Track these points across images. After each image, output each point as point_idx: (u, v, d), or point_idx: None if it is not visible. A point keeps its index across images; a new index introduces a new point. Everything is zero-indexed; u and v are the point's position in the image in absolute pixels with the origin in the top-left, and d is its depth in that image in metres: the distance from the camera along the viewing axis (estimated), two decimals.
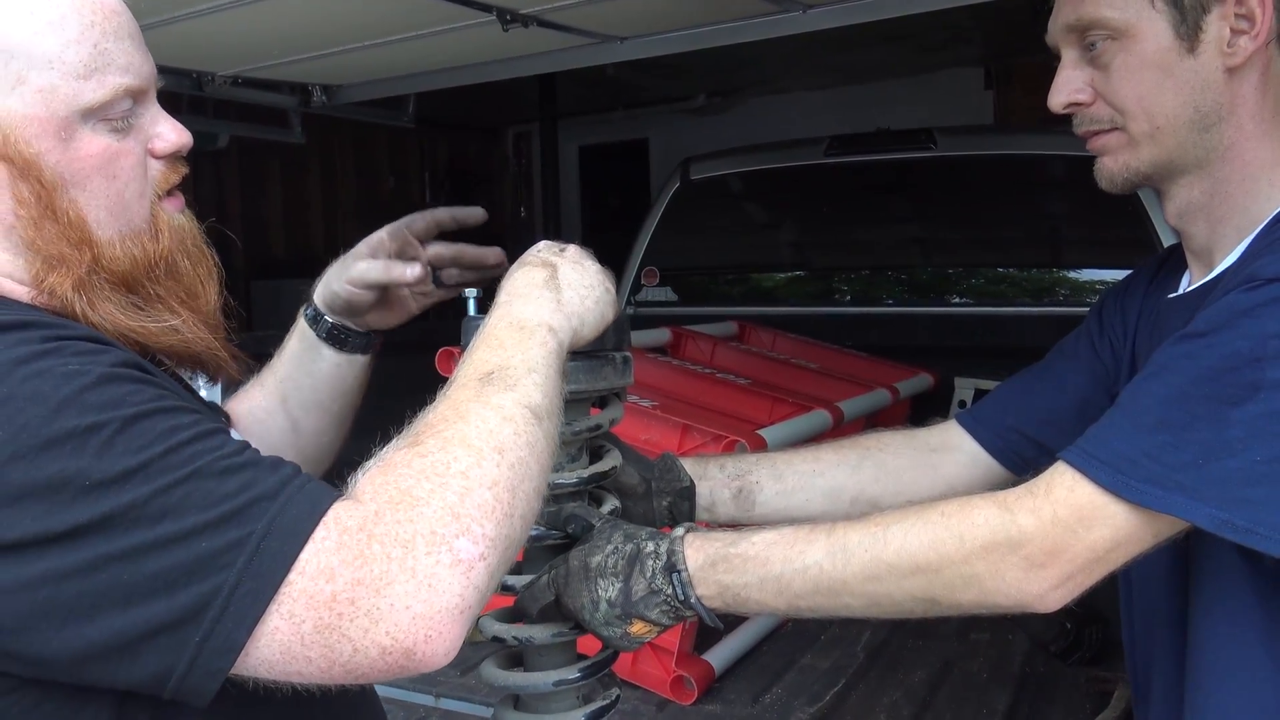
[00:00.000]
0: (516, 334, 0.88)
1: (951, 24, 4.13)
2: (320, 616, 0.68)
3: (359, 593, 0.68)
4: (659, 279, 3.93)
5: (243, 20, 2.30)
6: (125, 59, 0.85)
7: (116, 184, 0.85)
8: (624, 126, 6.30)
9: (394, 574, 0.69)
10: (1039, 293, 3.61)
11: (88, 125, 0.83)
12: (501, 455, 0.77)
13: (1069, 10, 1.01)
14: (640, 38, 2.66)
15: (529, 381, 0.84)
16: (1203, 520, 0.83)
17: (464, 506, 0.72)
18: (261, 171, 5.35)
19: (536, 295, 0.93)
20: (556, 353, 0.89)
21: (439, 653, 0.70)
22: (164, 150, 0.90)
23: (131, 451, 0.69)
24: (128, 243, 0.86)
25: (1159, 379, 0.88)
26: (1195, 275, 1.06)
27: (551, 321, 0.91)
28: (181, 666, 0.68)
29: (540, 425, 0.82)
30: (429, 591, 0.69)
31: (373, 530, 0.70)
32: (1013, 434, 1.22)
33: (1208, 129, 0.98)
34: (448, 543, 0.70)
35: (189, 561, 0.68)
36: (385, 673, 0.71)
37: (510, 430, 0.79)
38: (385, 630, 0.68)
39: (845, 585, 0.91)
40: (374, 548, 0.69)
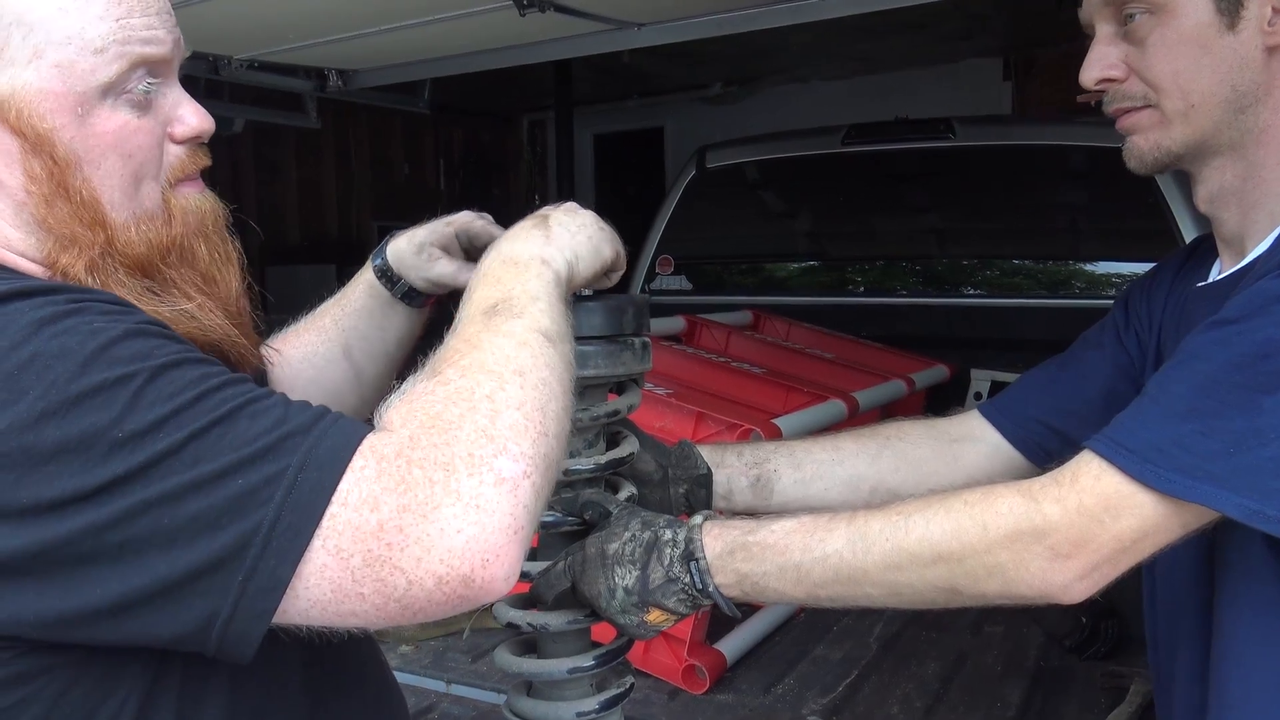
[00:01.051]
0: (511, 268, 0.87)
1: (971, 13, 4.10)
2: (369, 548, 0.66)
3: (406, 520, 0.66)
4: (674, 267, 3.92)
5: (259, 3, 2.30)
6: (147, 30, 0.82)
7: (132, 163, 0.83)
8: (639, 114, 6.29)
9: (439, 497, 0.66)
10: (1056, 284, 3.58)
11: (107, 102, 0.81)
12: (523, 377, 0.75)
13: None
14: (658, 24, 2.64)
15: (535, 309, 0.83)
16: (1233, 510, 0.82)
17: (496, 428, 0.70)
18: (276, 157, 5.36)
19: (524, 235, 0.92)
20: (554, 283, 0.88)
21: (498, 577, 0.67)
22: (184, 135, 0.87)
23: (162, 400, 0.68)
24: (142, 226, 0.84)
25: (1189, 366, 0.86)
26: (1226, 263, 1.04)
27: (543, 254, 0.89)
28: (226, 609, 0.66)
29: (555, 348, 0.80)
30: (478, 513, 0.67)
31: (410, 455, 0.68)
32: (1035, 425, 1.20)
33: (1244, 109, 0.96)
34: (488, 462, 0.68)
35: (227, 500, 0.66)
36: (443, 605, 0.68)
37: (528, 354, 0.77)
38: (439, 558, 0.66)
39: (866, 574, 0.90)
40: (415, 473, 0.67)
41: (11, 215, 0.81)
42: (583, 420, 1.00)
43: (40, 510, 0.65)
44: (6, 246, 0.81)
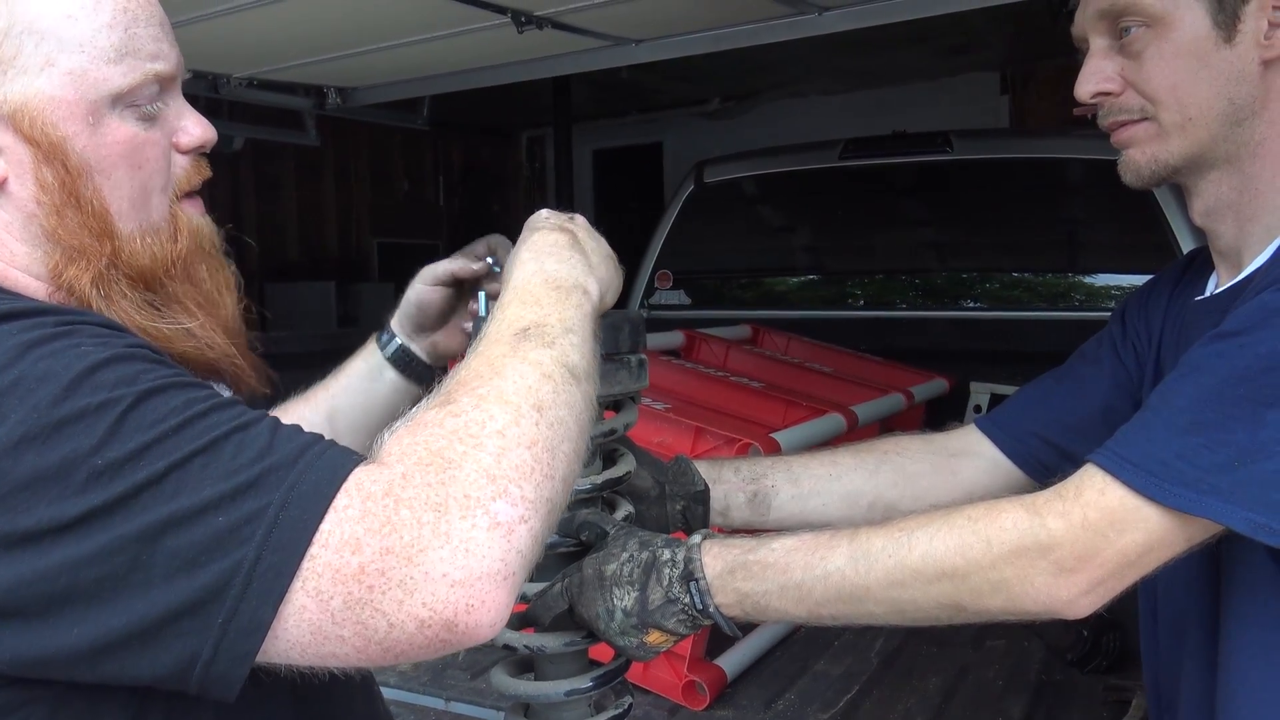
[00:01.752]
0: (553, 292, 0.84)
1: (968, 28, 4.11)
2: (349, 591, 0.64)
3: (389, 562, 0.63)
4: (672, 282, 3.92)
5: (258, 22, 2.31)
6: (155, 46, 0.83)
7: (141, 174, 0.83)
8: (638, 130, 6.30)
9: (426, 540, 0.64)
10: (1055, 297, 3.58)
11: (115, 111, 0.81)
12: (540, 414, 0.72)
13: None
14: (655, 40, 2.65)
15: (566, 341, 0.80)
16: (1238, 524, 0.81)
17: (500, 468, 0.67)
18: (276, 174, 5.37)
19: (569, 257, 0.89)
20: (590, 316, 0.85)
21: (484, 624, 0.65)
22: (189, 144, 0.87)
23: (145, 428, 0.66)
24: (148, 238, 0.83)
25: (1191, 380, 0.86)
26: (1223, 277, 1.04)
27: (586, 284, 0.88)
28: (207, 651, 0.64)
29: (579, 386, 0.77)
30: (466, 556, 0.64)
31: (400, 495, 0.65)
32: (1033, 439, 1.20)
33: (1240, 123, 0.96)
34: (484, 505, 0.65)
35: (207, 538, 0.64)
36: (426, 648, 0.66)
37: (550, 388, 0.74)
38: (421, 601, 0.64)
39: (868, 592, 0.89)
40: (402, 513, 0.64)
41: (19, 229, 0.80)
42: None
43: (15, 541, 0.64)
44: (9, 263, 0.80)
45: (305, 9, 2.23)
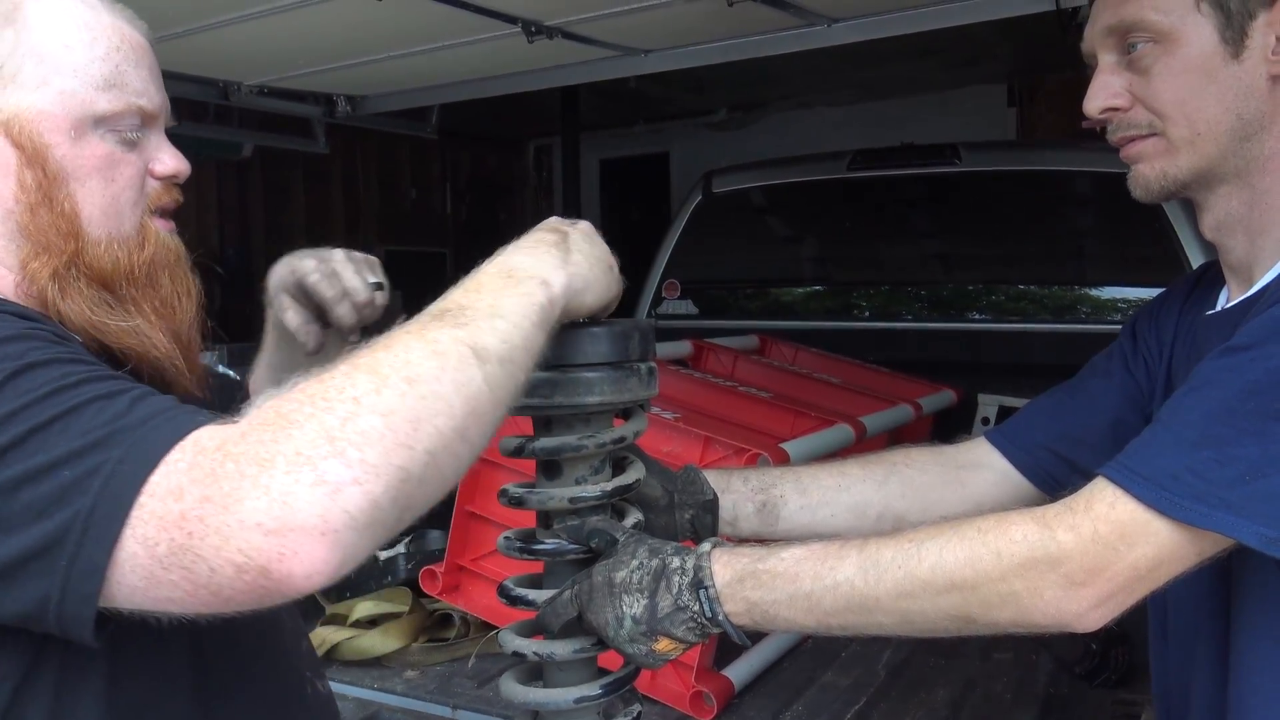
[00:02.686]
0: (501, 281, 0.86)
1: (976, 40, 4.11)
2: (172, 537, 0.69)
3: (207, 510, 0.68)
4: (680, 292, 3.92)
5: (269, 30, 2.32)
6: (141, 85, 0.95)
7: (113, 188, 0.94)
8: (645, 140, 6.31)
9: (245, 490, 0.68)
10: (1063, 310, 3.58)
11: (97, 131, 0.92)
12: (411, 385, 0.74)
13: (1110, 13, 1.00)
14: (664, 50, 2.66)
15: (486, 324, 0.81)
16: (1249, 538, 0.81)
17: (344, 430, 0.70)
18: (285, 181, 5.38)
19: (542, 251, 0.90)
20: (543, 307, 0.86)
21: (297, 574, 0.68)
22: (162, 172, 0.98)
23: (17, 396, 0.74)
24: (114, 246, 0.93)
25: (1202, 394, 0.86)
26: (1234, 292, 1.04)
27: (549, 275, 0.88)
28: (55, 592, 0.71)
29: (481, 367, 0.78)
30: (282, 508, 0.67)
31: (230, 450, 0.70)
32: (1043, 452, 1.20)
33: (1249, 138, 0.96)
34: (313, 463, 0.68)
35: (55, 490, 0.71)
36: (248, 593, 0.69)
37: (435, 364, 0.75)
38: (237, 547, 0.67)
39: (877, 602, 0.89)
40: (227, 466, 0.69)
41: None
42: (589, 447, 0.99)
43: None
44: None
45: (316, 18, 2.24)
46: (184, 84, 2.87)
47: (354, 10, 2.16)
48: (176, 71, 2.76)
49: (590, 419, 1.00)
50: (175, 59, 2.61)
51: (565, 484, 1.01)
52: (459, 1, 2.17)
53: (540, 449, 1.00)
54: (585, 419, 1.00)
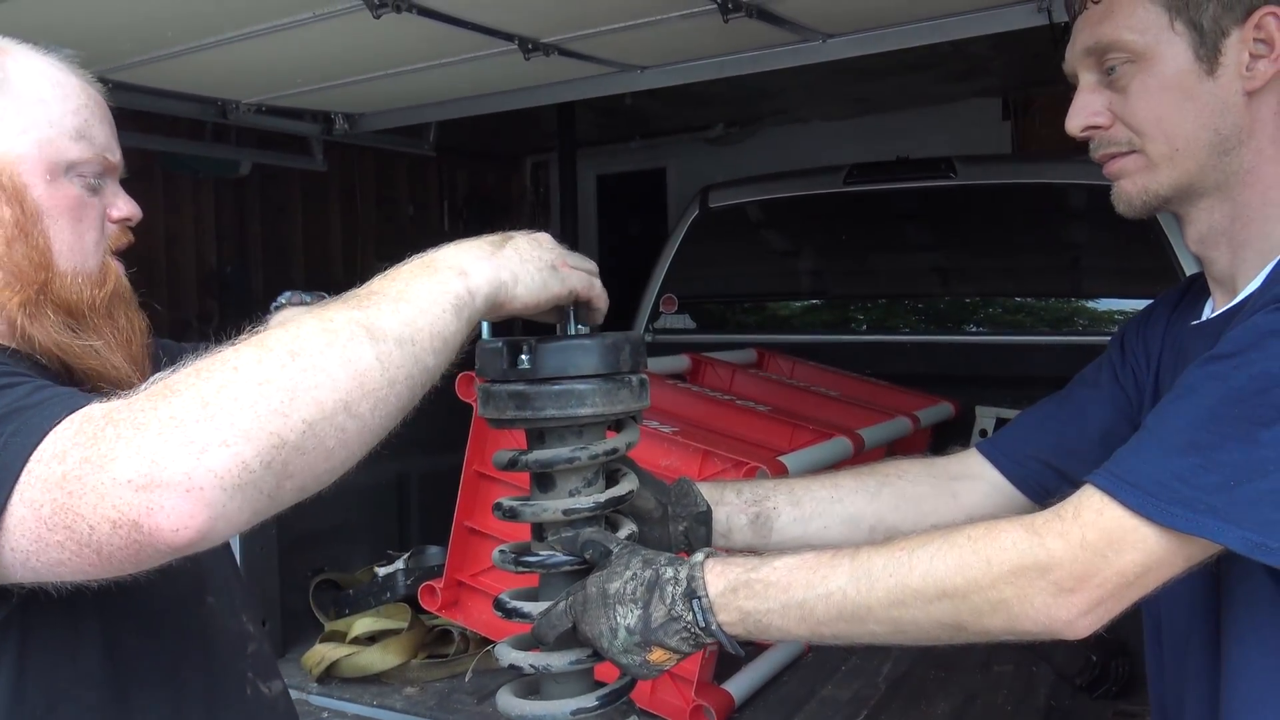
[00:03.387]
0: (418, 270, 0.89)
1: (971, 54, 4.13)
2: (54, 497, 0.73)
3: (85, 470, 0.72)
4: (677, 306, 3.93)
5: (266, 49, 2.33)
6: (105, 140, 1.06)
7: (80, 227, 1.03)
8: (642, 156, 6.33)
9: (119, 451, 0.72)
10: (1060, 322, 3.59)
11: (68, 176, 1.02)
12: (293, 358, 0.77)
13: (1087, 34, 1.02)
14: (660, 67, 2.68)
15: (388, 307, 0.83)
16: (1235, 543, 0.82)
17: (218, 397, 0.74)
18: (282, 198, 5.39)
19: (470, 245, 0.93)
20: (459, 295, 0.88)
21: (165, 528, 0.71)
22: (118, 216, 1.08)
23: None
24: (79, 279, 1.02)
25: (1187, 401, 0.87)
26: (1218, 302, 1.05)
27: (469, 266, 0.90)
28: None
29: (374, 345, 0.80)
30: (151, 466, 0.71)
31: (114, 417, 0.74)
32: (1034, 463, 1.21)
33: (1227, 152, 0.97)
34: (184, 426, 0.72)
35: None
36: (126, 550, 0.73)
37: (323, 340, 0.78)
38: (111, 504, 0.71)
39: (869, 611, 0.89)
40: (108, 430, 0.73)
41: None
42: (581, 459, 1.00)
43: None
44: None
45: (314, 36, 2.25)
46: (182, 102, 2.89)
47: (351, 29, 2.18)
48: (175, 90, 2.78)
49: (583, 431, 1.00)
50: (174, 78, 2.63)
51: (559, 496, 1.02)
52: (456, 20, 2.18)
53: (533, 461, 1.01)
54: (578, 431, 1.00)
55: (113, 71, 2.38)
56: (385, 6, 2.02)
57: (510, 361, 0.97)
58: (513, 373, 0.97)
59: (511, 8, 2.19)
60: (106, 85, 1.11)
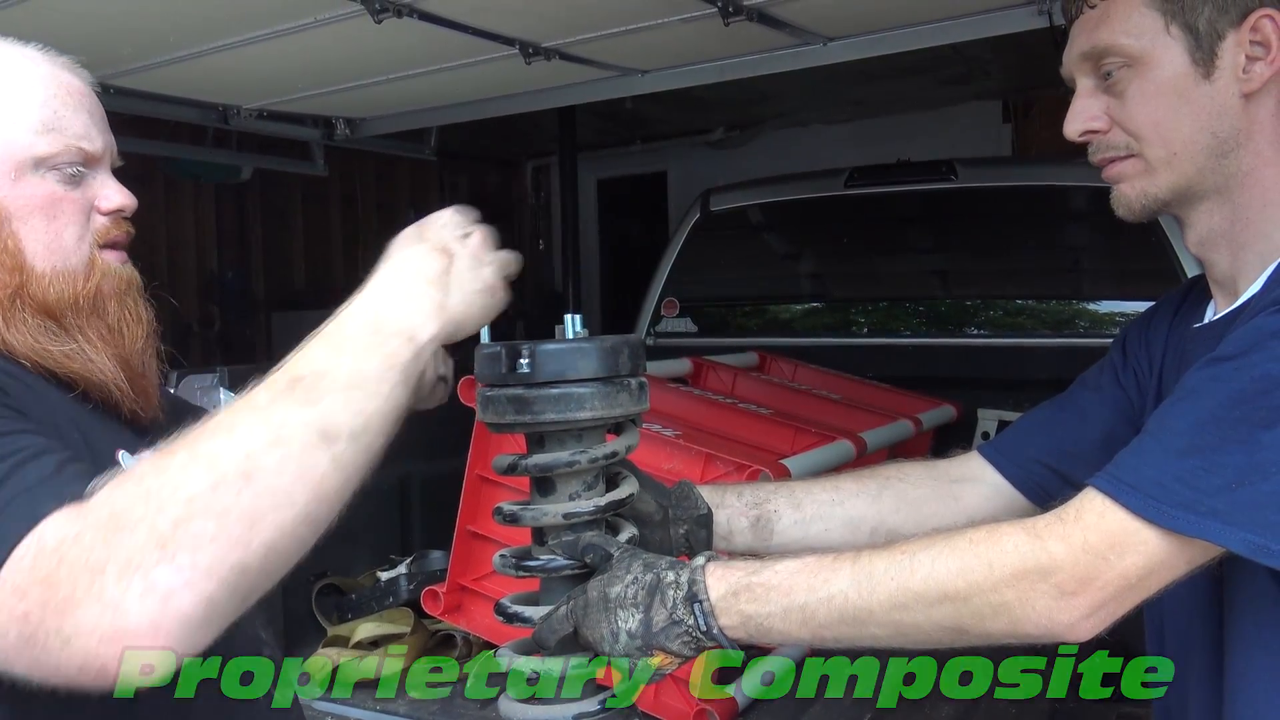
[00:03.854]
0: (367, 337, 0.84)
1: (971, 57, 4.14)
2: (19, 630, 0.72)
3: (47, 613, 0.71)
4: (679, 310, 3.93)
5: (268, 54, 2.34)
6: (81, 128, 1.00)
7: (56, 224, 0.98)
8: (642, 159, 6.34)
9: (79, 598, 0.70)
10: (1061, 324, 3.58)
11: (38, 172, 0.97)
12: (247, 481, 0.74)
13: (1083, 39, 1.02)
14: (661, 70, 2.68)
15: (340, 399, 0.80)
16: (1237, 545, 0.82)
17: (176, 534, 0.71)
18: (283, 203, 5.40)
19: (419, 294, 0.88)
20: (408, 363, 0.84)
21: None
22: (107, 208, 1.02)
23: None
24: (59, 279, 0.97)
25: (1188, 403, 0.87)
26: (1220, 305, 1.05)
27: (419, 329, 0.86)
28: None
29: (329, 449, 0.78)
30: (115, 615, 0.70)
31: (66, 554, 0.72)
32: (1035, 465, 1.21)
33: (1225, 155, 0.97)
34: (143, 570, 0.70)
35: None
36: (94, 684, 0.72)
37: (277, 455, 0.76)
38: (77, 649, 0.70)
39: (871, 614, 0.89)
40: (62, 571, 0.71)
41: None
42: (581, 462, 1.00)
43: None
44: None
45: (315, 41, 2.26)
46: (183, 108, 2.90)
47: (352, 34, 2.18)
48: (176, 95, 2.79)
49: (582, 435, 1.00)
50: (175, 83, 2.63)
51: (559, 500, 1.02)
52: (457, 24, 2.19)
53: (533, 465, 1.01)
54: (577, 435, 1.00)
55: (114, 77, 2.38)
56: (386, 11, 2.02)
57: (509, 366, 0.97)
58: (512, 377, 0.97)
59: (512, 12, 2.19)
60: (108, 90, 1.09)
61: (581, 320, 1.03)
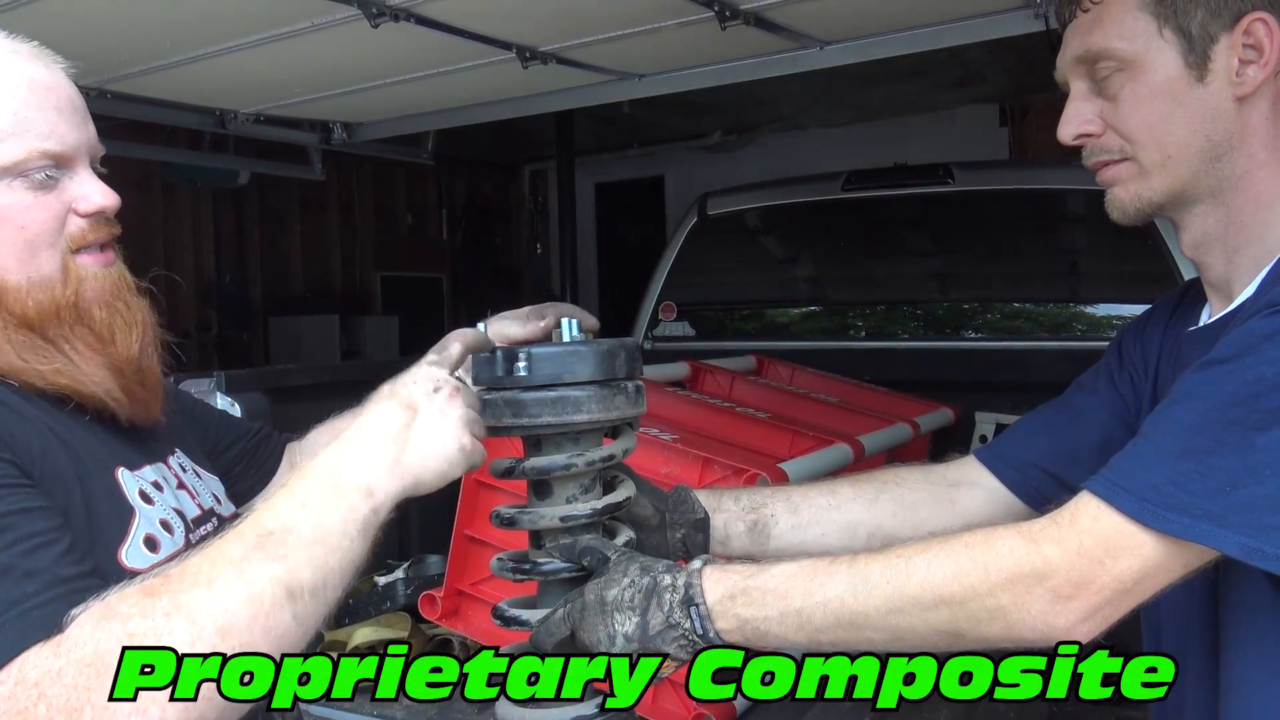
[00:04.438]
0: (328, 492, 0.87)
1: (968, 61, 4.15)
2: None
3: None
4: (676, 314, 3.93)
5: (265, 58, 2.34)
6: (47, 128, 0.93)
7: (26, 234, 0.92)
8: (640, 164, 6.35)
9: None
10: (1059, 327, 3.59)
11: (3, 181, 0.91)
12: (223, 638, 0.78)
13: (1077, 43, 1.02)
14: (658, 75, 2.68)
15: (304, 554, 0.84)
16: (1232, 548, 0.82)
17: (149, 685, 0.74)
18: (281, 208, 5.40)
19: (377, 449, 0.90)
20: (366, 519, 0.88)
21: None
22: (87, 210, 0.96)
23: None
24: (35, 290, 0.92)
25: (1182, 406, 0.87)
26: (1215, 308, 1.05)
27: (375, 483, 0.89)
28: None
29: (293, 606, 0.82)
30: None
31: (46, 691, 0.73)
32: (1032, 469, 1.21)
33: (1219, 158, 0.97)
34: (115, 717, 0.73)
35: None
36: None
37: (248, 612, 0.79)
38: None
39: (867, 619, 0.89)
40: (40, 708, 0.73)
41: None
42: (578, 465, 1.00)
43: None
44: None
45: (313, 46, 2.26)
46: (181, 112, 2.90)
47: (350, 39, 2.18)
48: (173, 100, 2.79)
49: (579, 438, 1.01)
50: (172, 88, 2.63)
51: (556, 503, 1.02)
52: (455, 29, 2.19)
53: (530, 469, 1.01)
54: (574, 438, 1.00)
55: (111, 82, 2.38)
56: (383, 16, 2.03)
57: (506, 369, 0.97)
58: (508, 380, 0.98)
59: (510, 17, 2.19)
60: (105, 95, 1.06)
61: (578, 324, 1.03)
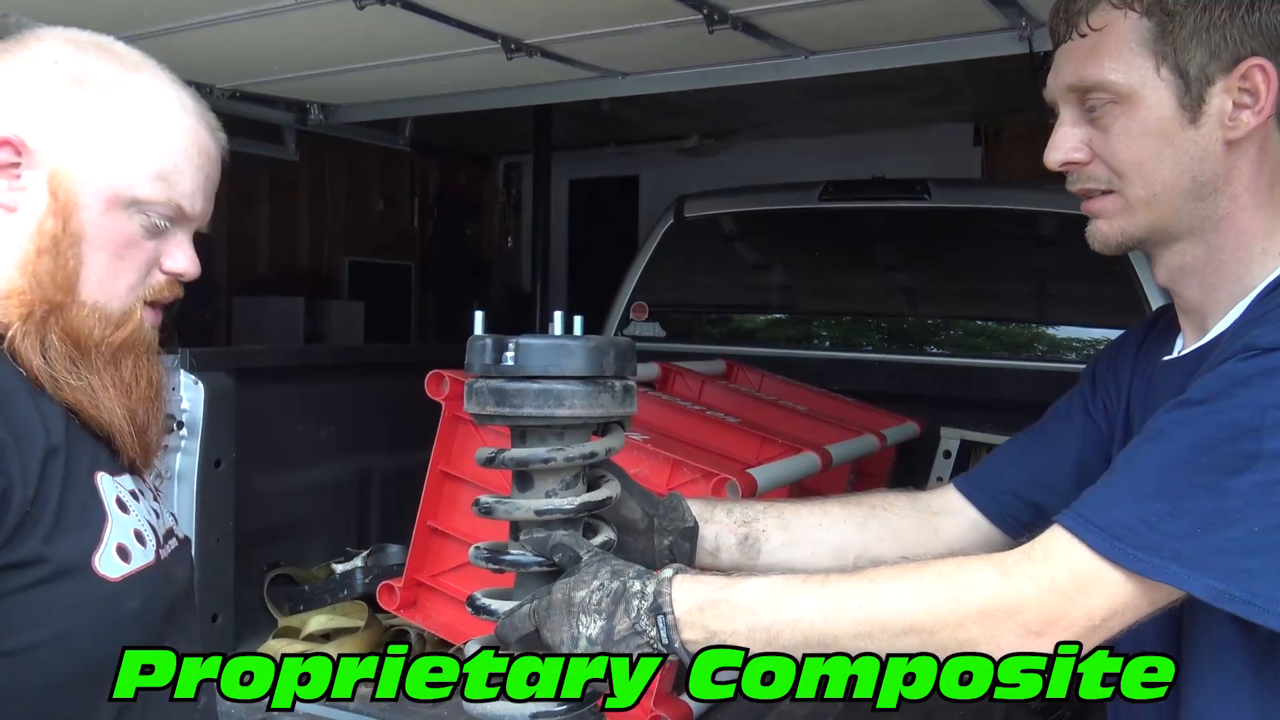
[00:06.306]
0: None
1: (945, 78, 4.18)
2: None
3: None
4: (648, 314, 3.92)
5: (246, 34, 2.30)
6: (191, 188, 1.02)
7: (119, 265, 0.99)
8: (616, 162, 6.33)
9: None
10: (1024, 346, 3.62)
11: (128, 211, 0.99)
12: None
13: (1071, 70, 1.01)
14: (642, 74, 2.68)
15: None
16: (1200, 590, 0.82)
17: None
18: (250, 186, 5.32)
19: None
20: None
21: None
22: (171, 269, 1.04)
23: None
24: (95, 314, 0.98)
25: (1156, 445, 0.87)
26: (1189, 338, 1.05)
27: None
28: None
29: None
30: None
31: None
32: (1010, 498, 1.21)
33: (1203, 198, 0.98)
34: None
35: None
36: None
37: None
38: None
39: (836, 640, 0.88)
40: None
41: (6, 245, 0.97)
42: (557, 460, 0.99)
43: None
44: None
45: (295, 24, 2.23)
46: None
47: (334, 18, 2.16)
48: None
49: (564, 433, 0.99)
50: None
51: (535, 496, 1.01)
52: (441, 15, 2.17)
53: (510, 459, 1.00)
54: (559, 432, 0.99)
55: None
56: None
57: (495, 358, 0.96)
58: (496, 369, 0.96)
59: (497, 6, 2.18)
60: None
61: (564, 318, 1.02)
